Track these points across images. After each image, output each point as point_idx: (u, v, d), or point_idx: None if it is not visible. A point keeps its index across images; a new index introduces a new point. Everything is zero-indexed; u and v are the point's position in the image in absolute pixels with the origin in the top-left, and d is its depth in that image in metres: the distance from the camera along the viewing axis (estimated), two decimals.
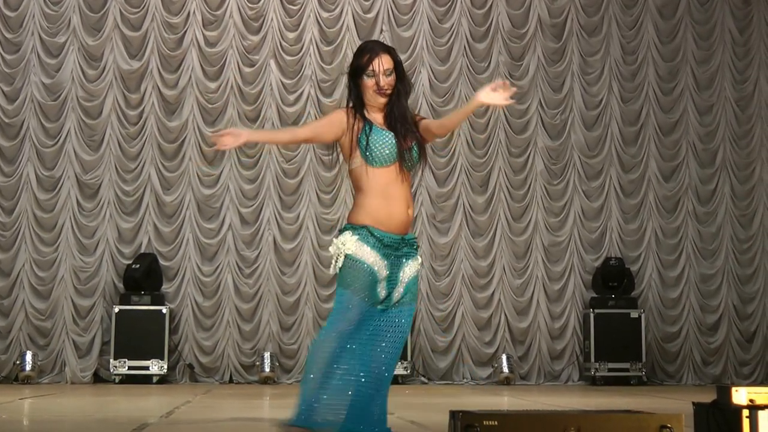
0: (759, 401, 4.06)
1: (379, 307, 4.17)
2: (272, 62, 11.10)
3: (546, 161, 11.33)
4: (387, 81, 4.28)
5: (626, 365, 10.63)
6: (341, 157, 4.36)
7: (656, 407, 6.61)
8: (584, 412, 4.42)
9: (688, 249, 11.38)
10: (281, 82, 11.09)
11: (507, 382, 10.61)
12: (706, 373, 11.15)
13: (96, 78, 10.92)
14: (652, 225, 11.38)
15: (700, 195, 11.48)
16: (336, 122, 4.27)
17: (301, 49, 11.16)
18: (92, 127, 10.86)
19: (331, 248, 4.24)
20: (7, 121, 10.77)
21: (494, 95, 4.10)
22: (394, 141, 4.23)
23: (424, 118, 4.41)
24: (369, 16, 11.26)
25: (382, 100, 4.29)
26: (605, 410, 4.50)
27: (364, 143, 4.21)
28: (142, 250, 10.74)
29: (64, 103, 10.85)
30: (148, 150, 10.89)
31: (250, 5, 11.16)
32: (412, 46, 11.28)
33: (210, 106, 11.00)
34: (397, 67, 4.33)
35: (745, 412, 3.99)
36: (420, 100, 11.21)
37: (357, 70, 4.31)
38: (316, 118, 11.05)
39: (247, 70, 11.09)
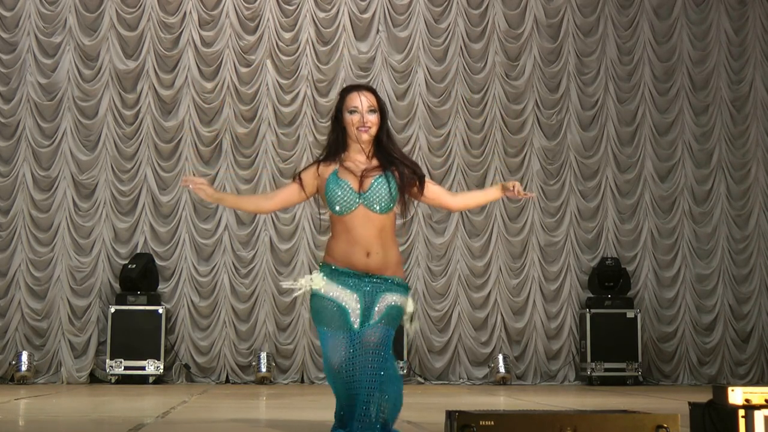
0: (755, 401, 4.06)
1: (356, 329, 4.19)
2: (268, 62, 11.10)
3: (542, 161, 11.35)
4: (369, 118, 4.28)
5: (622, 365, 10.64)
6: None
7: (652, 407, 6.61)
8: (580, 412, 4.43)
9: (684, 249, 11.39)
10: (277, 82, 11.09)
11: (503, 382, 10.61)
12: (702, 373, 11.17)
13: (92, 78, 10.91)
14: (648, 225, 11.39)
15: (696, 195, 11.50)
16: (295, 193, 4.43)
17: (298, 49, 11.16)
18: (88, 127, 10.85)
19: (301, 281, 4.29)
20: (3, 121, 10.76)
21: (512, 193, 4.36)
22: (351, 187, 4.24)
23: (427, 181, 4.41)
24: (365, 16, 11.27)
25: (366, 138, 4.29)
26: (601, 410, 4.50)
27: (327, 193, 4.25)
28: (139, 250, 10.74)
29: (60, 103, 10.84)
30: (144, 150, 10.88)
31: (246, 5, 11.15)
32: (408, 46, 11.29)
33: (206, 106, 11.00)
34: (382, 108, 4.34)
35: (741, 412, 4.00)
36: (416, 100, 11.22)
37: (341, 108, 4.32)
38: (312, 119, 11.06)
39: (243, 70, 11.09)
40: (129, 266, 10.47)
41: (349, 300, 4.19)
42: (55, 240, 10.68)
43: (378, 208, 4.23)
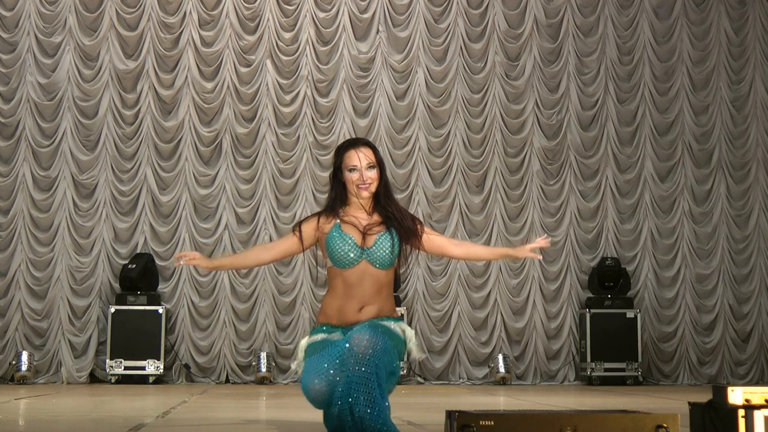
0: (755, 401, 4.06)
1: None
2: (268, 62, 11.10)
3: (542, 161, 11.35)
4: (369, 175, 4.27)
5: (622, 365, 10.65)
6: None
7: (652, 407, 6.61)
8: (580, 412, 4.43)
9: (683, 249, 11.39)
10: (277, 82, 11.09)
11: (503, 382, 10.61)
12: (702, 372, 11.17)
13: (92, 78, 10.91)
14: (648, 225, 11.39)
15: (696, 195, 11.50)
16: (295, 245, 4.37)
17: (297, 49, 11.16)
18: (88, 127, 10.85)
19: (299, 348, 4.31)
20: (2, 120, 10.76)
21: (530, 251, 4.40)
22: (354, 242, 4.23)
23: (428, 233, 4.41)
24: (365, 16, 11.27)
25: (366, 194, 4.28)
26: (601, 410, 4.50)
27: (329, 247, 4.24)
28: (138, 250, 10.74)
29: (60, 103, 10.84)
30: (144, 150, 10.88)
31: (246, 5, 11.15)
32: (408, 46, 11.29)
33: (206, 106, 11.00)
34: (380, 162, 4.33)
35: (741, 412, 3.99)
36: (416, 100, 11.22)
37: (339, 165, 4.30)
38: (312, 119, 11.07)
39: (243, 70, 11.09)
40: (129, 266, 10.47)
41: (331, 337, 4.21)
42: (55, 240, 10.68)
43: (380, 264, 4.24)
